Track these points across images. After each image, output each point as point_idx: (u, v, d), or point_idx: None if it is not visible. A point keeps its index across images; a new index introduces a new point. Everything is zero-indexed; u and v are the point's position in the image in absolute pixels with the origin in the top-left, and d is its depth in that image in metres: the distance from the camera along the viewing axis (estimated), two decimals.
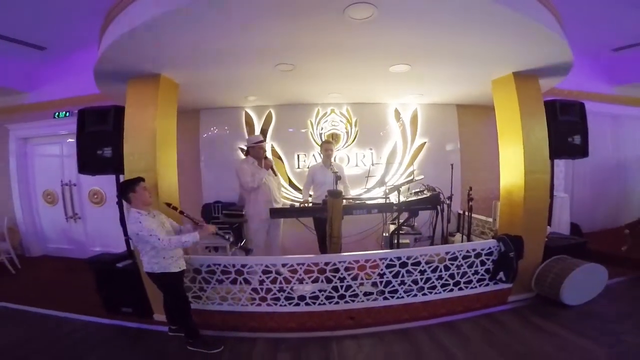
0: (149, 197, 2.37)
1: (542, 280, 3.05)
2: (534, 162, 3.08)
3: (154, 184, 2.74)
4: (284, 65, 2.87)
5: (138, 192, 2.31)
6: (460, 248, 2.94)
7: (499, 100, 3.36)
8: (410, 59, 2.90)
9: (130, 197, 2.31)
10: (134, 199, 2.31)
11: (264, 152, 3.58)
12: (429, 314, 2.90)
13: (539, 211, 3.16)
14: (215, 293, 2.82)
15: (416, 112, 4.76)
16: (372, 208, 3.06)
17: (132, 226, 2.24)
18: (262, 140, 3.67)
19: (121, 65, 2.65)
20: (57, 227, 5.27)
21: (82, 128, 2.93)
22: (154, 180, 2.74)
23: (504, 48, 2.65)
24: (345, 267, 2.75)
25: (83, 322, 2.98)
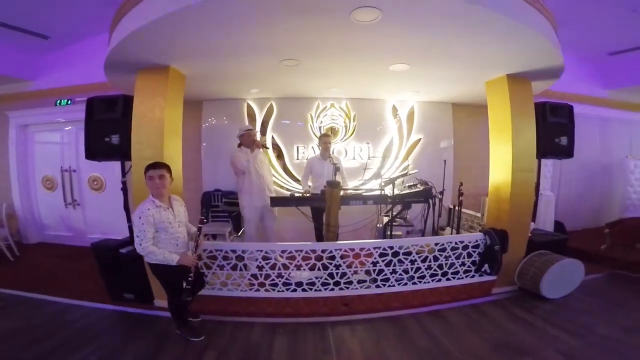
0: (155, 188, 2.28)
1: (524, 274, 3.20)
2: (522, 161, 3.23)
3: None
4: (289, 60, 2.98)
5: (146, 180, 2.29)
6: (449, 239, 3.09)
7: (492, 100, 3.49)
8: (410, 59, 3.04)
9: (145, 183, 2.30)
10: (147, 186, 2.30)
11: (253, 138, 3.71)
12: (418, 302, 3.05)
13: (524, 208, 3.32)
14: (216, 278, 2.93)
15: (413, 109, 4.91)
16: (368, 199, 3.21)
17: (134, 217, 2.24)
18: (250, 128, 3.83)
19: (132, 57, 2.72)
20: (56, 213, 5.29)
21: (90, 116, 3.00)
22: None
23: (498, 52, 2.78)
24: (340, 255, 2.89)
25: (86, 309, 3.04)
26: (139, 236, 2.19)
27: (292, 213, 3.57)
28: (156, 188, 2.29)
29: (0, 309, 3.05)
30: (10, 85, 5.15)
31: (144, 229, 2.18)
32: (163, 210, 2.29)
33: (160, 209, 2.27)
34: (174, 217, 2.35)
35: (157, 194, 2.31)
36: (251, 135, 3.72)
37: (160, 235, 2.28)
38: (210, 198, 4.52)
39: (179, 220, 2.40)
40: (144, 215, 2.20)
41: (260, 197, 3.70)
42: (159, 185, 2.28)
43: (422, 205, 3.51)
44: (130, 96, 2.97)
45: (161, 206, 2.29)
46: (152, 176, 2.27)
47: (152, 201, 2.28)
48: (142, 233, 2.18)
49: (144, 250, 2.20)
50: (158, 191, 2.30)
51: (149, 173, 2.28)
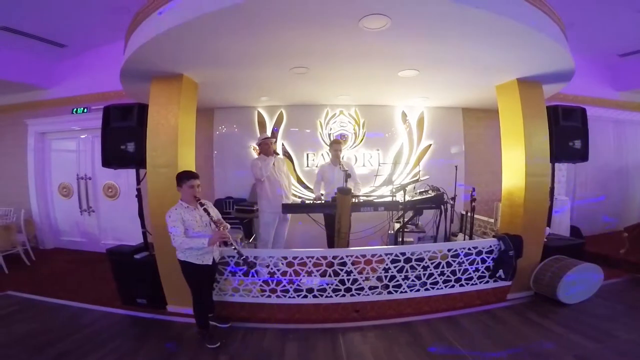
0: (192, 196, 2.48)
1: (540, 279, 3.14)
2: (535, 165, 3.19)
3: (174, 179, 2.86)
4: (299, 68, 3.02)
5: (183, 188, 2.48)
6: (463, 245, 3.05)
7: (503, 105, 3.47)
8: (419, 65, 3.04)
9: (178, 189, 2.51)
10: (180, 192, 2.50)
11: (270, 147, 3.80)
12: (431, 308, 3.01)
13: (539, 212, 3.27)
14: (228, 284, 2.95)
15: (422, 115, 4.90)
16: (379, 206, 3.20)
17: (167, 217, 2.43)
18: (267, 137, 3.94)
19: (147, 65, 2.79)
20: (71, 220, 5.42)
21: (107, 124, 3.08)
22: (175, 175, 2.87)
23: (508, 57, 2.78)
24: (352, 262, 2.88)
25: (99, 313, 3.07)
26: (172, 233, 2.37)
27: (303, 219, 3.58)
28: (194, 195, 2.48)
29: (15, 312, 3.12)
30: (28, 93, 5.33)
31: (175, 225, 2.38)
32: (191, 210, 2.49)
33: (188, 209, 2.49)
34: (200, 218, 2.51)
35: (191, 200, 2.50)
36: (267, 144, 3.82)
37: (188, 232, 2.45)
38: (222, 205, 4.56)
39: (206, 220, 2.53)
40: (173, 214, 2.42)
41: (278, 204, 3.72)
42: (196, 192, 2.50)
43: (434, 211, 3.49)
44: (145, 104, 3.05)
45: (189, 207, 2.50)
46: (193, 185, 2.48)
47: (180, 204, 2.50)
48: (174, 229, 2.37)
49: (181, 244, 2.38)
50: (194, 198, 2.49)
51: (191, 182, 2.48)
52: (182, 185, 2.49)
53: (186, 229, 2.44)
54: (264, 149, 3.83)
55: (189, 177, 2.50)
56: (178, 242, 2.39)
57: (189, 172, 2.57)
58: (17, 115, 5.42)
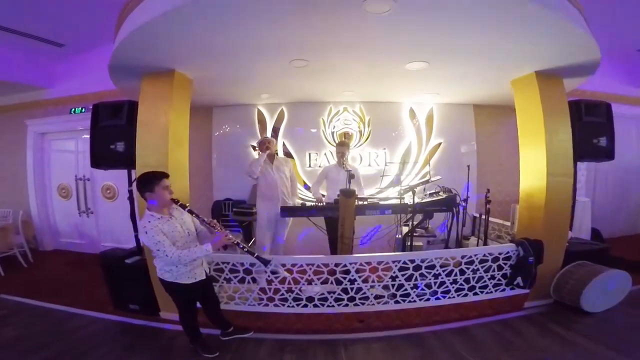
0: (169, 198, 2.07)
1: (561, 287, 2.95)
2: (557, 164, 2.97)
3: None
4: (299, 61, 2.82)
5: (157, 193, 2.02)
6: (478, 252, 2.84)
7: (520, 100, 3.25)
8: (428, 56, 2.81)
9: (147, 197, 2.04)
10: (150, 199, 2.04)
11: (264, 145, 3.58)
12: (441, 318, 2.83)
13: (561, 215, 3.05)
14: (223, 292, 2.79)
15: (432, 112, 4.66)
16: (386, 209, 2.98)
17: (141, 236, 2.03)
18: (266, 137, 3.76)
19: (135, 60, 2.63)
20: (70, 221, 5.33)
21: (95, 122, 2.94)
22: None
23: (527, 47, 2.55)
24: (356, 269, 2.68)
25: (90, 318, 2.96)
26: (160, 249, 1.96)
27: (304, 222, 3.39)
28: (166, 200, 2.07)
29: (4, 317, 3.02)
30: (27, 93, 5.25)
31: (158, 239, 1.95)
32: (166, 221, 2.06)
33: (161, 220, 2.05)
34: (180, 227, 2.13)
35: (164, 207, 2.10)
36: (264, 143, 3.60)
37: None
38: (221, 207, 4.40)
39: (188, 228, 2.18)
40: (149, 228, 1.97)
41: (273, 205, 3.56)
42: (172, 192, 2.10)
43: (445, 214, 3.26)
44: (135, 102, 2.90)
45: (162, 218, 2.06)
46: (168, 186, 2.07)
47: (150, 215, 2.04)
48: (160, 244, 1.95)
49: (174, 258, 1.98)
50: (167, 203, 2.09)
51: (165, 182, 2.06)
52: (155, 189, 2.01)
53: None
54: (260, 149, 3.65)
55: (161, 177, 2.06)
56: (175, 255, 1.96)
57: (157, 172, 2.11)
58: (17, 115, 5.36)
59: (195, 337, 2.41)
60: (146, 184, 2.04)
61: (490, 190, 3.45)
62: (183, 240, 2.12)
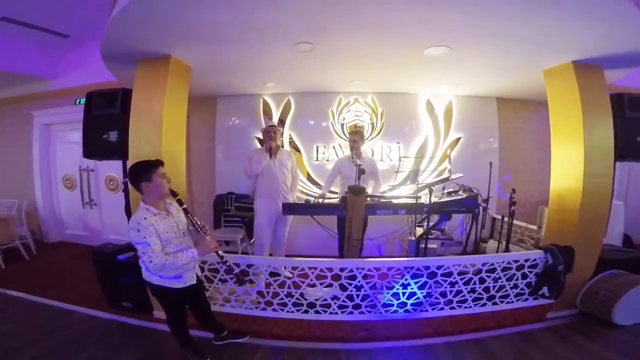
0: (165, 190, 1.87)
1: (590, 297, 2.73)
2: (596, 164, 2.66)
3: None
4: (304, 44, 2.55)
5: (154, 181, 1.81)
6: (501, 259, 2.55)
7: (554, 92, 2.93)
8: (450, 40, 2.49)
9: (143, 187, 1.82)
10: (146, 190, 1.83)
11: (271, 137, 3.26)
12: (455, 329, 2.60)
13: (597, 220, 2.74)
14: (218, 293, 2.61)
15: (451, 104, 4.31)
16: (400, 208, 2.69)
17: (130, 231, 1.78)
18: (272, 124, 3.41)
19: (128, 44, 2.44)
20: (74, 213, 5.27)
21: (89, 111, 2.79)
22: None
23: (569, 32, 2.24)
24: (363, 275, 2.43)
25: (83, 315, 2.87)
26: (146, 253, 1.76)
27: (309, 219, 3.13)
28: (166, 189, 1.88)
29: None
30: (33, 84, 5.20)
31: (148, 241, 1.75)
32: (163, 218, 1.87)
33: (158, 217, 1.85)
34: (177, 226, 1.93)
35: (163, 196, 1.91)
36: (269, 132, 3.28)
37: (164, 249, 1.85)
38: (224, 201, 4.20)
39: (183, 228, 1.99)
40: (142, 226, 1.76)
41: (274, 202, 3.31)
42: (169, 182, 1.90)
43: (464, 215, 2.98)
44: (130, 90, 2.71)
45: (159, 214, 1.86)
46: (165, 173, 1.88)
47: (146, 209, 1.84)
48: (147, 248, 1.75)
49: (158, 266, 1.78)
50: (166, 193, 1.90)
51: (161, 170, 1.86)
52: (152, 177, 1.81)
53: (163, 246, 1.83)
54: (265, 138, 3.35)
55: (158, 164, 1.85)
56: (160, 262, 1.75)
57: (151, 160, 1.88)
58: (23, 106, 5.32)
59: (186, 341, 2.22)
60: (143, 172, 1.83)
61: (515, 191, 3.11)
62: (179, 241, 1.92)
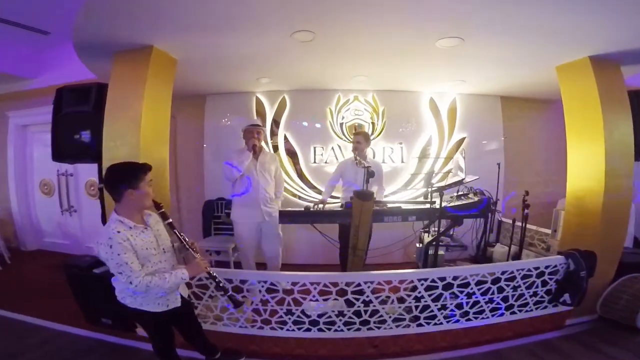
0: (149, 200, 1.59)
1: (612, 302, 2.64)
2: (617, 163, 2.52)
3: None
4: (303, 33, 2.29)
5: (142, 190, 1.53)
6: (521, 266, 2.38)
7: (569, 89, 2.79)
8: (465, 30, 2.29)
9: (126, 195, 1.51)
10: (128, 199, 1.52)
11: (252, 138, 2.94)
12: (471, 341, 2.42)
13: (619, 222, 2.62)
14: (208, 311, 2.34)
15: (455, 103, 4.12)
16: (410, 215, 2.46)
17: (99, 247, 1.47)
18: (254, 123, 3.08)
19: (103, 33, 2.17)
20: (53, 220, 4.91)
21: (58, 109, 2.49)
22: None
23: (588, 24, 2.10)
24: (372, 289, 2.19)
25: (58, 332, 2.62)
26: (123, 273, 1.47)
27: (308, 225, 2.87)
28: (150, 201, 1.60)
29: None
30: (9, 84, 4.82)
31: (124, 259, 1.46)
32: (140, 232, 1.57)
33: (134, 230, 1.55)
34: (156, 241, 1.63)
35: (145, 208, 1.63)
36: (252, 132, 2.95)
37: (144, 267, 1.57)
38: (213, 207, 3.90)
39: (164, 244, 1.68)
40: (116, 240, 1.46)
41: (253, 211, 2.95)
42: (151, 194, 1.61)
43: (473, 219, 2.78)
44: (106, 85, 2.43)
45: (135, 227, 1.56)
46: (151, 180, 1.60)
47: (119, 222, 1.53)
48: (124, 267, 1.46)
49: (140, 288, 1.50)
50: (149, 205, 1.62)
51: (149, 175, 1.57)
52: (140, 184, 1.52)
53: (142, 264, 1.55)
54: (246, 138, 2.98)
55: (146, 170, 1.57)
56: (143, 284, 1.48)
57: (138, 163, 1.62)
58: None
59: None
60: (129, 177, 1.52)
61: (528, 192, 2.92)
62: (158, 259, 1.61)
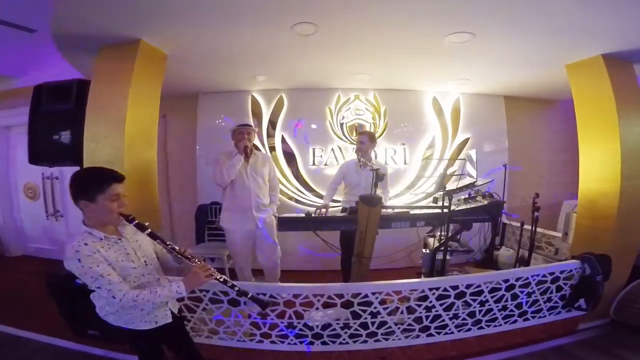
0: (116, 212, 1.38)
1: (627, 306, 2.58)
2: (633, 165, 2.44)
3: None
4: (304, 25, 2.13)
5: (99, 204, 1.32)
6: (535, 272, 2.28)
7: (580, 88, 2.72)
8: (477, 25, 2.16)
9: (81, 206, 1.34)
10: (85, 211, 1.35)
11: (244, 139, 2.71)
12: (483, 348, 2.34)
13: (635, 225, 2.54)
14: (202, 324, 2.18)
15: (458, 103, 4.02)
16: (419, 220, 2.32)
17: (68, 262, 1.28)
18: (245, 123, 2.87)
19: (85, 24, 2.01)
20: (38, 224, 4.68)
21: (36, 107, 2.28)
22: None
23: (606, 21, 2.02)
24: (380, 300, 2.05)
25: (43, 344, 2.47)
26: (102, 287, 1.28)
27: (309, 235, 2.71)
28: (112, 217, 1.37)
29: None
30: None
31: (98, 272, 1.26)
32: (113, 244, 1.38)
33: (107, 241, 1.36)
34: (134, 253, 1.43)
35: (109, 222, 1.41)
36: (242, 133, 2.73)
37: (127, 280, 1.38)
38: (207, 213, 3.70)
39: (146, 255, 1.48)
40: (83, 253, 1.26)
41: (245, 218, 2.74)
42: (124, 205, 1.40)
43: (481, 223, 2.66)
44: (88, 81, 2.26)
45: (107, 238, 1.37)
46: (119, 194, 1.36)
47: (88, 233, 1.34)
48: (101, 280, 1.27)
49: (125, 303, 1.30)
50: (113, 220, 1.40)
51: (115, 188, 1.34)
52: (96, 197, 1.30)
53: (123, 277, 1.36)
54: (235, 140, 2.78)
55: (111, 179, 1.35)
56: (129, 298, 1.29)
57: (106, 170, 1.40)
58: None
59: None
60: (84, 188, 1.32)
61: (539, 195, 2.81)
62: (138, 273, 1.41)
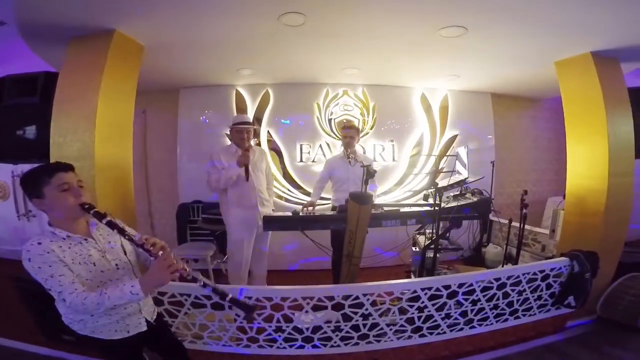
0: (73, 202, 1.22)
1: (613, 303, 2.63)
2: (620, 162, 2.50)
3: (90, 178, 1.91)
4: (293, 15, 2.02)
5: (48, 197, 1.20)
6: (526, 270, 2.27)
7: (569, 85, 2.76)
8: (470, 19, 2.13)
9: (37, 205, 1.22)
10: (47, 210, 1.23)
11: (244, 139, 2.59)
12: (474, 348, 2.36)
13: (621, 222, 2.62)
14: (186, 329, 2.06)
15: (446, 99, 4.01)
16: (410, 218, 2.27)
17: (24, 264, 1.15)
18: (243, 121, 2.69)
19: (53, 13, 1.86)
20: (10, 225, 4.44)
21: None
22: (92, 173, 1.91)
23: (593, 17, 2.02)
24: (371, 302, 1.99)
25: (15, 351, 2.38)
26: (53, 289, 1.15)
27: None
28: (70, 205, 1.21)
29: None
30: None
31: (49, 272, 1.13)
32: (76, 244, 1.24)
33: (69, 241, 1.23)
34: (102, 255, 1.29)
35: (75, 216, 1.26)
36: (242, 132, 2.59)
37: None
38: (188, 212, 3.55)
39: (118, 258, 1.34)
40: (34, 252, 1.14)
41: (251, 213, 2.69)
42: (80, 194, 1.24)
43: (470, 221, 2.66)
44: (56, 74, 2.13)
45: (70, 238, 1.23)
46: (68, 183, 1.22)
47: (51, 233, 1.22)
48: (51, 282, 1.13)
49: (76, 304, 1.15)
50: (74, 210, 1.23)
51: (61, 177, 1.21)
52: (44, 191, 1.19)
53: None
54: (234, 139, 2.67)
55: (53, 171, 1.22)
56: (77, 301, 1.14)
57: (45, 166, 1.27)
58: None
59: None
60: (30, 185, 1.21)
61: (527, 192, 2.81)
62: (104, 278, 1.26)
